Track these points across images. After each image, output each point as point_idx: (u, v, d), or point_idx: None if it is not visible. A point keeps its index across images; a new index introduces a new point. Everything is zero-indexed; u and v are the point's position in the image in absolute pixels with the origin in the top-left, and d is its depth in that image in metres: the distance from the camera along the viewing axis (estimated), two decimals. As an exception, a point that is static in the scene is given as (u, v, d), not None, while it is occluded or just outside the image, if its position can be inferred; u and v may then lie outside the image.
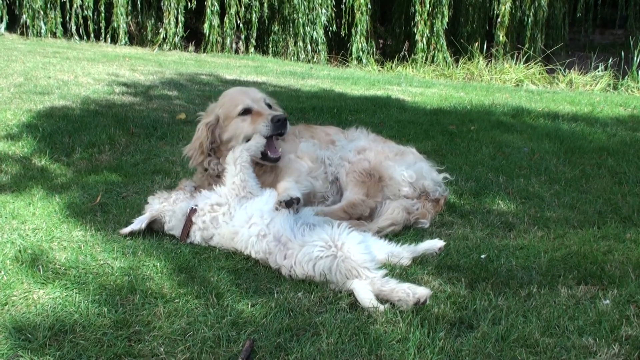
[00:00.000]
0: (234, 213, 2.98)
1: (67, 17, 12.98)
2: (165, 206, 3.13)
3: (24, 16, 12.64)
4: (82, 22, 13.12)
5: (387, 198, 3.50)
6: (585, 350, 2.14)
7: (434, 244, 3.00)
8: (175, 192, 3.25)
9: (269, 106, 3.49)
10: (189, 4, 13.49)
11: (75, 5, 12.85)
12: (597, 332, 2.25)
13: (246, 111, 3.37)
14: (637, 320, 2.34)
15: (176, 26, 13.48)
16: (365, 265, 2.55)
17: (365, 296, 2.44)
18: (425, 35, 13.90)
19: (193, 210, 3.07)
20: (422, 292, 2.41)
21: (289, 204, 2.91)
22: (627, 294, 2.56)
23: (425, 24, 13.89)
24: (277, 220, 2.85)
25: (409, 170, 3.57)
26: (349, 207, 3.38)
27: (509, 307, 2.43)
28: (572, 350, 2.13)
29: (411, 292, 2.40)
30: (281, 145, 3.46)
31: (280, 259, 2.72)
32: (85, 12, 13.02)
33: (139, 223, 3.10)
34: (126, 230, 3.08)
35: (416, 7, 13.86)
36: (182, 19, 13.50)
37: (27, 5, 12.49)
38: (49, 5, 12.74)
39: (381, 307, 2.39)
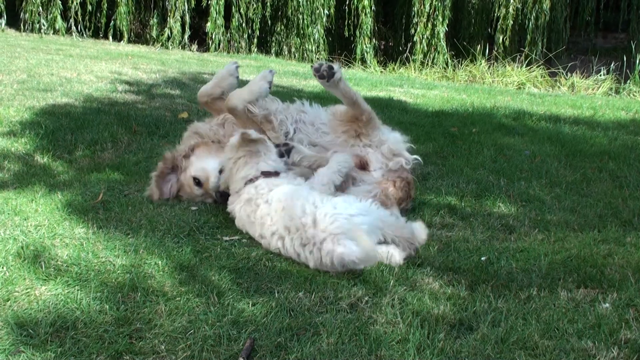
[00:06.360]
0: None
1: (69, 14, 12.98)
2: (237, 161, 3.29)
3: (23, 11, 12.62)
4: (83, 18, 13.11)
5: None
6: (584, 354, 2.15)
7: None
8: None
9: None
10: (192, 3, 13.47)
11: (76, 2, 12.83)
12: (596, 336, 2.26)
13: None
14: (637, 324, 2.34)
15: (182, 25, 13.46)
16: None
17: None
18: (426, 37, 13.89)
19: (250, 181, 3.18)
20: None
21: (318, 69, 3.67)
22: (627, 297, 2.56)
23: (425, 26, 13.87)
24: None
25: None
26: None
27: (508, 309, 2.44)
28: (572, 353, 2.14)
29: None
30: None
31: None
32: (88, 8, 13.02)
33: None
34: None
35: (416, 9, 13.87)
36: (188, 19, 13.50)
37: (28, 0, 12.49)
38: (50, 1, 12.72)
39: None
